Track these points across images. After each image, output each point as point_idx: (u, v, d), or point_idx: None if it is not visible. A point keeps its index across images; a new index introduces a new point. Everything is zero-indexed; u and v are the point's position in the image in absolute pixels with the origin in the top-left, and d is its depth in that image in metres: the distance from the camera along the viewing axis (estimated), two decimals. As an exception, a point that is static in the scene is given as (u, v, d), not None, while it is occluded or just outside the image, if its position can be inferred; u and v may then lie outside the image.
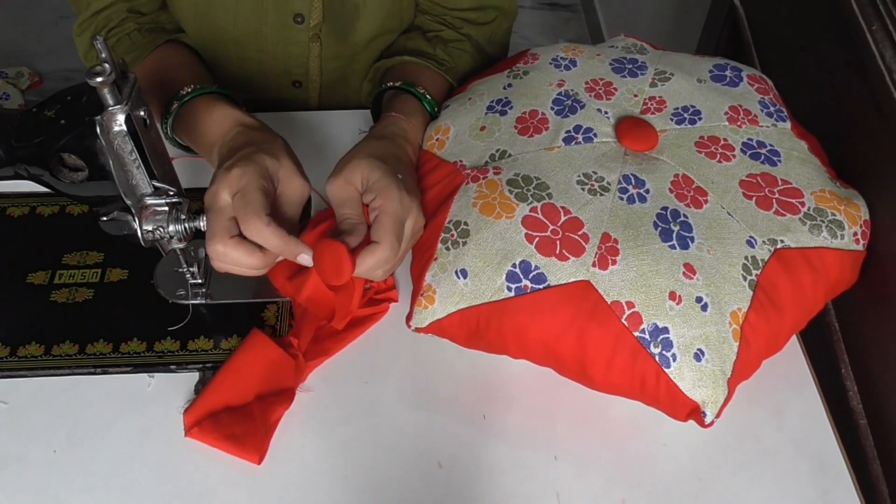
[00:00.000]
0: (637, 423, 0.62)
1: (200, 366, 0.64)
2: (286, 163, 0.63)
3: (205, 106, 0.70)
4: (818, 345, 0.71)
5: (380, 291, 0.69)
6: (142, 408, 0.62)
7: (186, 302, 0.68)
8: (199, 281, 0.68)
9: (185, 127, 0.72)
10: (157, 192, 0.58)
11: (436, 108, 0.77)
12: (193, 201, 0.70)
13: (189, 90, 0.72)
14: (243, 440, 0.59)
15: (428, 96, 0.76)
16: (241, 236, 0.59)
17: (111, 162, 0.55)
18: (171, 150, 0.61)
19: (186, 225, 0.59)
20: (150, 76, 0.77)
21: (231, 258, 0.59)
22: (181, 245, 0.61)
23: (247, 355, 0.63)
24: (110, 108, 0.52)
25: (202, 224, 0.60)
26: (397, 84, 0.77)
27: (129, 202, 0.58)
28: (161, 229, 0.58)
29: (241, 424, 0.59)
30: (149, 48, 0.79)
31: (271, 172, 0.62)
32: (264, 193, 0.59)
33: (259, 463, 0.59)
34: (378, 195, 0.62)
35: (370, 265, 0.60)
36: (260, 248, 0.59)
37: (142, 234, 0.59)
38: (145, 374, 0.64)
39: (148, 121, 0.56)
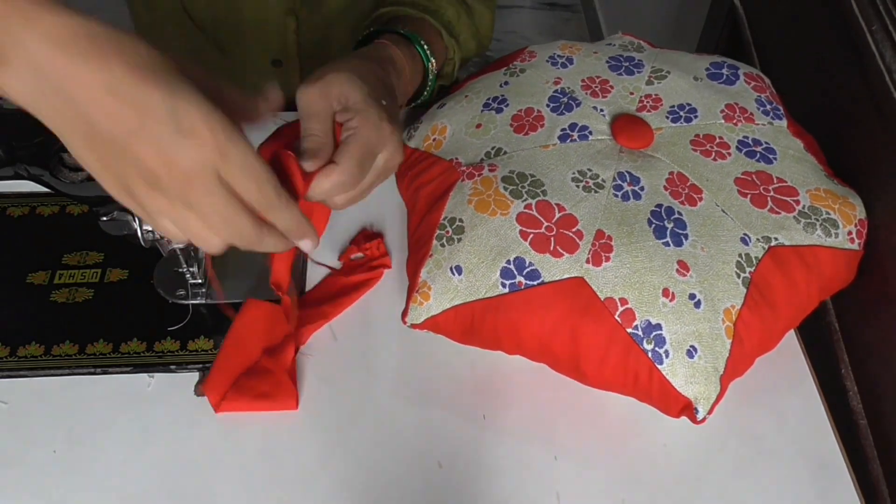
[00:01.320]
0: (637, 423, 0.62)
1: (200, 366, 0.64)
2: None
3: None
4: (818, 345, 0.71)
5: (373, 259, 0.71)
6: (142, 408, 0.62)
7: (186, 302, 0.68)
8: (199, 281, 0.68)
9: None
10: (157, 192, 0.58)
11: (420, 41, 0.71)
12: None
13: None
14: (272, 395, 0.61)
15: (412, 33, 0.72)
16: None
17: (111, 162, 0.55)
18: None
19: (186, 225, 0.59)
20: None
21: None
22: (181, 245, 0.61)
23: (243, 320, 0.64)
24: (110, 108, 0.52)
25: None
26: (379, 28, 0.72)
27: (129, 202, 0.58)
28: (161, 229, 0.58)
29: (263, 382, 0.61)
30: None
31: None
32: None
33: (296, 408, 0.61)
34: (356, 116, 0.55)
35: (324, 187, 0.53)
36: None
37: (142, 234, 0.59)
38: (145, 374, 0.64)
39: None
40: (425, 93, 0.77)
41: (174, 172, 0.41)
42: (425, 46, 0.72)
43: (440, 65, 0.78)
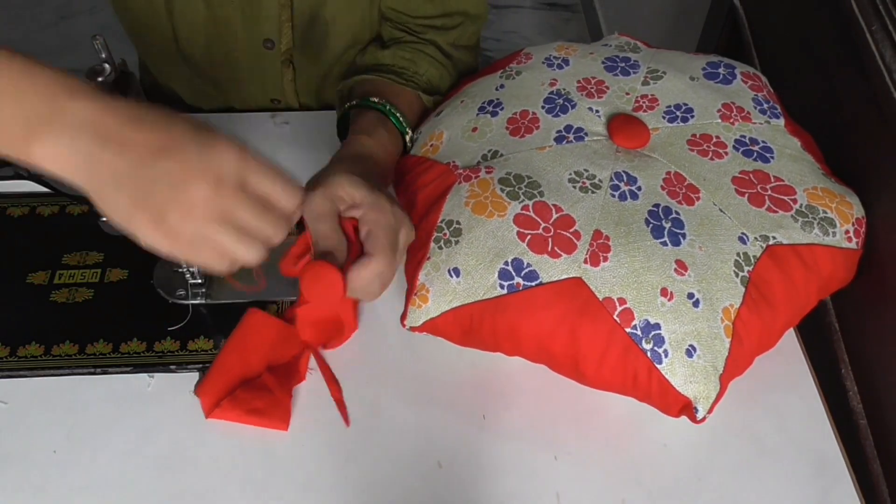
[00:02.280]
0: (637, 423, 0.62)
1: (200, 366, 0.64)
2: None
3: None
4: (818, 345, 0.71)
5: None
6: (142, 408, 0.62)
7: (186, 302, 0.68)
8: (199, 281, 0.68)
9: None
10: (157, 192, 0.58)
11: (396, 113, 0.73)
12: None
13: None
14: (265, 412, 0.61)
15: (385, 104, 0.72)
16: None
17: (111, 162, 0.55)
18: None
19: (186, 225, 0.59)
20: None
21: None
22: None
23: (247, 331, 0.63)
24: (110, 108, 0.52)
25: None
26: (353, 103, 0.73)
27: (129, 202, 0.58)
28: (161, 229, 0.58)
29: (259, 399, 0.61)
30: None
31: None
32: None
33: (286, 429, 0.61)
34: (369, 209, 0.59)
35: (366, 279, 0.58)
36: None
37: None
38: (145, 374, 0.64)
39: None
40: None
41: (204, 182, 0.45)
42: (401, 118, 0.73)
43: (419, 120, 0.78)
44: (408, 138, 0.75)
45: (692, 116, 0.70)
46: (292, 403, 0.62)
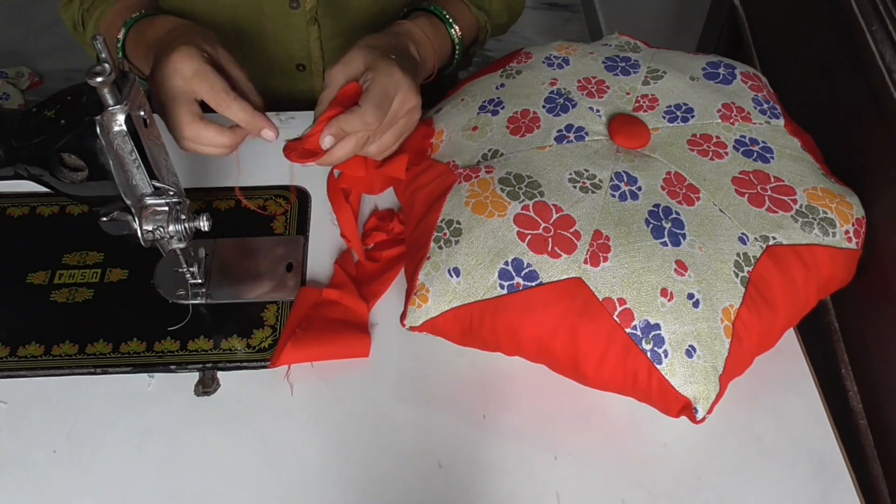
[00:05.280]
0: (637, 423, 0.62)
1: (200, 366, 0.64)
2: (221, 51, 0.66)
3: (148, 20, 0.74)
4: (818, 345, 0.71)
5: (399, 233, 0.73)
6: (142, 408, 0.62)
7: (186, 302, 0.68)
8: (199, 281, 0.68)
9: (133, 47, 0.76)
10: (157, 192, 0.58)
11: (444, 14, 0.80)
12: (193, 201, 0.70)
13: (135, 15, 0.76)
14: (344, 342, 0.65)
15: (429, 5, 0.79)
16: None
17: (111, 162, 0.55)
18: (172, 149, 0.61)
19: (186, 225, 0.59)
20: (114, 19, 0.79)
21: (205, 139, 0.63)
22: (181, 245, 0.61)
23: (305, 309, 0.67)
24: (110, 108, 0.52)
25: (202, 224, 0.60)
26: (404, 12, 0.81)
27: (129, 202, 0.58)
28: (161, 229, 0.58)
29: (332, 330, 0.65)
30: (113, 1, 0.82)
31: (210, 55, 0.64)
32: (217, 72, 0.63)
33: (367, 355, 0.65)
34: (372, 72, 0.65)
35: (352, 124, 0.63)
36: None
37: (142, 234, 0.59)
38: (145, 374, 0.64)
39: (148, 121, 0.56)
40: (456, 57, 0.84)
41: (169, 91, 0.62)
42: (447, 16, 0.79)
43: (471, 35, 0.84)
44: (454, 31, 0.81)
45: (692, 116, 0.70)
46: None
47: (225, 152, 0.66)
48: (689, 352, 0.58)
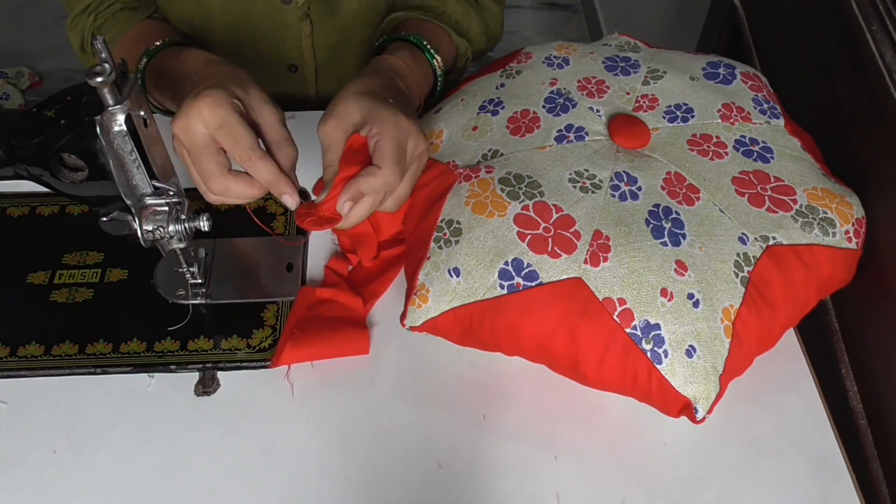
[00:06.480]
0: (637, 423, 0.62)
1: (200, 366, 0.64)
2: (254, 91, 0.61)
3: (174, 52, 0.72)
4: (818, 345, 0.71)
5: (398, 232, 0.72)
6: (142, 408, 0.62)
7: (186, 302, 0.68)
8: (199, 281, 0.68)
9: (156, 80, 0.74)
10: (157, 192, 0.59)
11: (426, 45, 0.77)
12: (193, 201, 0.70)
13: (158, 43, 0.74)
14: (342, 340, 0.65)
15: (409, 35, 0.76)
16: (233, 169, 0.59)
17: (111, 162, 0.55)
18: (172, 149, 0.61)
19: (186, 225, 0.59)
20: (130, 45, 0.78)
21: (232, 192, 0.58)
22: (181, 245, 0.61)
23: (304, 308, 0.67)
24: (110, 108, 0.52)
25: (202, 224, 0.60)
26: (381, 40, 0.78)
27: (129, 202, 0.58)
28: (161, 229, 0.58)
29: (331, 328, 0.65)
30: (131, 22, 0.80)
31: (241, 100, 0.59)
32: (246, 123, 0.58)
33: (368, 352, 0.65)
34: (374, 123, 0.60)
35: (374, 187, 0.58)
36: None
37: (142, 234, 0.59)
38: (145, 374, 0.64)
39: (148, 121, 0.56)
40: (438, 87, 0.80)
41: (194, 138, 0.57)
42: (428, 46, 0.76)
43: (451, 62, 0.82)
44: (436, 62, 0.78)
45: (692, 116, 0.70)
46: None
47: (253, 200, 0.61)
48: (689, 352, 0.58)
